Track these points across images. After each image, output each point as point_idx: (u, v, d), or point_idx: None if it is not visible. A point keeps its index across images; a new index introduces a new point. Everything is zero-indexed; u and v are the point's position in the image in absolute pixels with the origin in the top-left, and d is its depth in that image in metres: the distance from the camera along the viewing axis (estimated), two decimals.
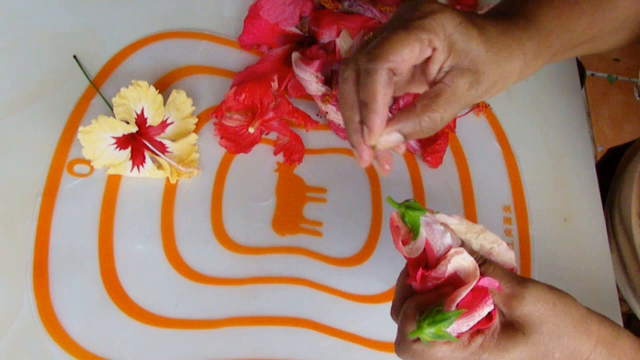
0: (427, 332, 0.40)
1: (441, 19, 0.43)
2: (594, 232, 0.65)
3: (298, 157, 0.65)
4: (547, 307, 0.42)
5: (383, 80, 0.42)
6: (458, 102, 0.45)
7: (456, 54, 0.44)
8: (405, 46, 0.42)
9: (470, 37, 0.44)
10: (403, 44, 0.42)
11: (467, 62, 0.44)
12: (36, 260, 0.58)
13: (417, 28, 0.42)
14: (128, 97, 0.59)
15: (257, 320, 0.58)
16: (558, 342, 0.42)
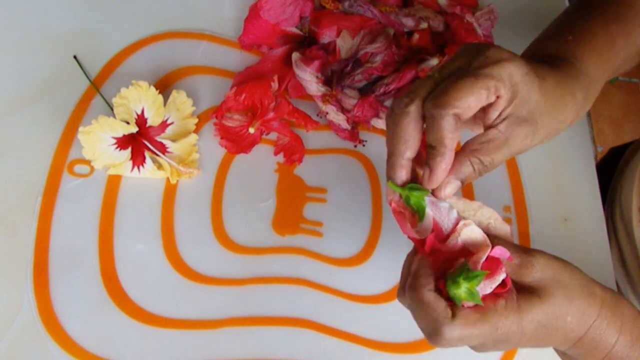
0: (463, 287, 0.41)
1: (510, 68, 0.43)
2: (594, 232, 0.65)
3: (298, 157, 0.65)
4: (555, 272, 0.44)
5: (450, 126, 0.42)
6: (509, 150, 0.45)
7: (517, 103, 0.44)
8: (473, 94, 0.42)
9: (532, 88, 0.44)
10: (471, 91, 0.42)
11: (525, 112, 0.45)
12: (36, 260, 0.58)
13: (486, 76, 0.42)
14: (128, 97, 0.59)
15: (257, 320, 0.58)
16: (570, 305, 0.44)
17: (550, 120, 0.47)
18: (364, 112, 0.65)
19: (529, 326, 0.43)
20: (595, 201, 0.67)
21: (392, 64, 0.68)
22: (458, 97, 0.42)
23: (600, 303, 0.46)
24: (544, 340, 0.45)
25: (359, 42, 0.67)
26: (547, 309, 0.43)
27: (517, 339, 0.43)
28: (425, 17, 0.70)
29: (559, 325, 0.44)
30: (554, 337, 0.45)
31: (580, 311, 0.45)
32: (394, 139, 0.45)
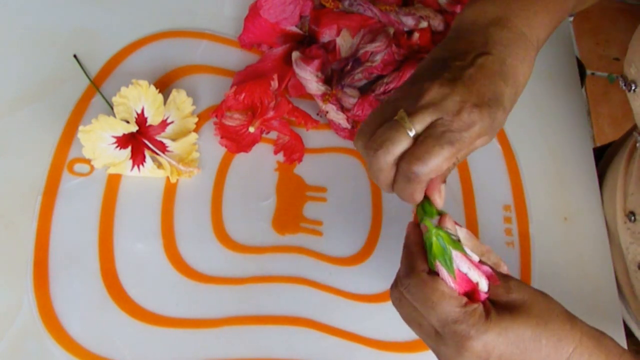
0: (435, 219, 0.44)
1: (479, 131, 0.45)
2: (594, 232, 0.65)
3: (298, 156, 0.65)
4: (531, 295, 0.44)
5: (421, 189, 0.45)
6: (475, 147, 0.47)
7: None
8: (447, 163, 0.44)
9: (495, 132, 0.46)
10: (447, 161, 0.44)
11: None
12: (36, 260, 0.58)
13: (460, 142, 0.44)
14: (128, 96, 0.59)
15: (257, 320, 0.58)
16: (545, 327, 0.43)
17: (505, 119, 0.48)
18: (364, 111, 0.65)
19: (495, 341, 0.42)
20: (595, 201, 0.67)
21: (392, 63, 0.68)
22: (434, 166, 0.44)
23: (580, 333, 0.44)
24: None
25: (359, 41, 0.67)
26: (519, 327, 0.43)
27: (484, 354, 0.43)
28: (425, 16, 0.70)
29: (533, 348, 0.43)
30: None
31: (556, 336, 0.43)
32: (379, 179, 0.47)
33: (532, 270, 0.62)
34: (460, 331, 0.42)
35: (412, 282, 0.44)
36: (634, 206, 0.63)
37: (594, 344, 0.44)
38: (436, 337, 0.44)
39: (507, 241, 0.63)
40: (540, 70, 0.74)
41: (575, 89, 0.74)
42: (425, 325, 0.44)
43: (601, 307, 0.62)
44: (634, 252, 0.62)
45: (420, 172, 0.44)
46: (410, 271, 0.45)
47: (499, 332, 0.42)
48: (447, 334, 0.43)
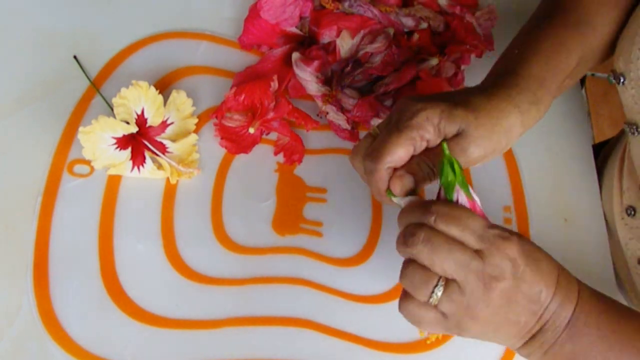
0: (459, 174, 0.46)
1: (425, 114, 0.48)
2: (594, 232, 0.65)
3: (298, 157, 0.65)
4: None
5: (385, 177, 0.48)
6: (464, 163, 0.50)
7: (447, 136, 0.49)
8: (400, 146, 0.48)
9: (454, 117, 0.48)
10: (397, 145, 0.48)
11: (460, 134, 0.49)
12: (36, 260, 0.58)
13: (407, 128, 0.48)
14: (128, 97, 0.59)
15: (257, 320, 0.58)
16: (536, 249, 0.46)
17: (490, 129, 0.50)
18: (363, 112, 0.65)
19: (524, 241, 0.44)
20: (595, 201, 0.67)
21: (392, 64, 0.68)
22: (387, 152, 0.48)
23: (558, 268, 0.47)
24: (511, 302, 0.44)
25: (358, 42, 0.67)
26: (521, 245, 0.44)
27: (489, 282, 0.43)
28: (425, 17, 0.70)
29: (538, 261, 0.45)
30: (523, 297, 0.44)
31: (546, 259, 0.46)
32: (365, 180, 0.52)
33: None
34: (498, 233, 0.44)
35: (439, 208, 0.44)
36: (631, 201, 0.63)
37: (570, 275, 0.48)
38: (475, 256, 0.43)
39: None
40: None
41: (575, 89, 0.74)
42: (461, 251, 0.43)
43: None
44: (633, 248, 0.63)
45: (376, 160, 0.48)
46: (430, 204, 0.45)
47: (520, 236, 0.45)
48: (488, 240, 0.43)
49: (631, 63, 0.55)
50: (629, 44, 0.55)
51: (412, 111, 0.48)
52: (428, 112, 0.48)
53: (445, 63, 0.69)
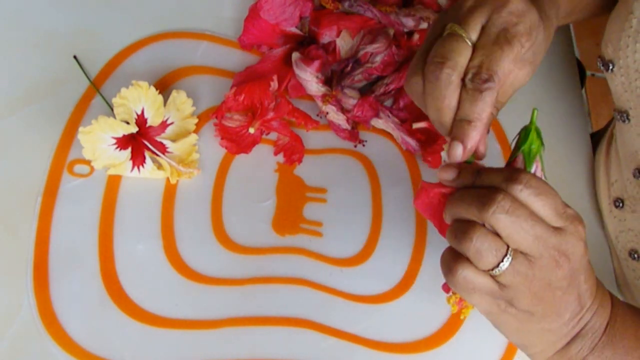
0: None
1: (530, 18, 0.43)
2: (594, 232, 0.65)
3: (298, 157, 0.65)
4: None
5: (492, 100, 0.43)
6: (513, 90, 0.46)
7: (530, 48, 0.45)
8: (512, 61, 0.43)
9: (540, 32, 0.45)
10: (511, 60, 0.42)
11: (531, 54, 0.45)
12: (36, 260, 0.58)
13: (517, 38, 0.43)
14: (128, 97, 0.59)
15: (257, 320, 0.58)
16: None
17: (541, 56, 0.47)
18: (363, 112, 0.65)
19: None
20: (595, 201, 0.67)
21: (392, 64, 0.68)
22: (500, 69, 0.42)
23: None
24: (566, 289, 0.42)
25: (358, 42, 0.67)
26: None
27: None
28: (425, 17, 0.70)
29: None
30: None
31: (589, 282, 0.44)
32: (443, 109, 0.44)
33: None
34: (575, 214, 0.43)
35: (529, 179, 0.41)
36: (619, 193, 0.62)
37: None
38: (555, 233, 0.42)
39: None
40: (541, 71, 0.73)
41: (575, 90, 0.74)
42: (543, 226, 0.41)
43: None
44: (623, 240, 0.62)
45: (491, 79, 0.42)
46: (519, 172, 0.42)
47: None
48: (568, 218, 0.42)
49: (620, 50, 0.54)
50: (617, 30, 0.54)
51: (518, 14, 0.43)
52: (533, 14, 0.44)
53: None
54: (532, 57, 0.45)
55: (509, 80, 0.45)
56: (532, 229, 0.40)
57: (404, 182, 0.66)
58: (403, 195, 0.65)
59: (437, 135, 0.65)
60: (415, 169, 0.66)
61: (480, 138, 0.44)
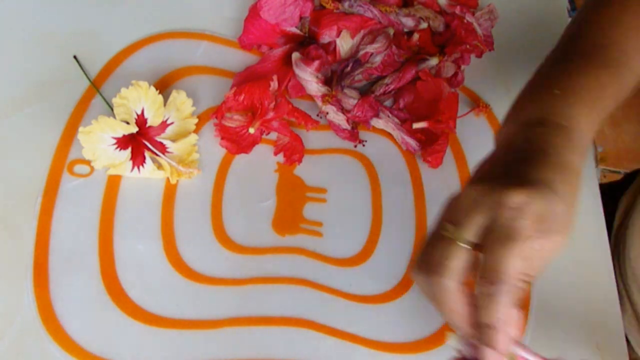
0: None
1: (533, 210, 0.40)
2: (594, 233, 0.65)
3: (298, 157, 0.65)
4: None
5: (510, 299, 0.39)
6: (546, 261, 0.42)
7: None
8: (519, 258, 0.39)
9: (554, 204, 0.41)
10: (521, 255, 0.39)
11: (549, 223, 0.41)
12: (36, 260, 0.58)
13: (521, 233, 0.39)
14: (128, 97, 0.59)
15: (257, 320, 0.58)
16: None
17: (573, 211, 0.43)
18: (364, 112, 0.65)
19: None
20: (596, 201, 0.67)
21: (392, 64, 0.68)
22: (508, 268, 0.39)
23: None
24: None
25: (358, 42, 0.67)
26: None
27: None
28: (425, 17, 0.70)
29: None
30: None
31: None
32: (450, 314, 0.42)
33: None
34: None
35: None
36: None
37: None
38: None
39: None
40: None
41: None
42: None
43: (601, 310, 0.62)
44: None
45: (499, 281, 0.39)
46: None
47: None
48: None
49: None
50: None
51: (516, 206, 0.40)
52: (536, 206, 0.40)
53: (445, 63, 0.69)
54: (558, 227, 0.41)
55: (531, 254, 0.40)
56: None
57: (404, 182, 0.66)
58: (403, 195, 0.65)
59: (437, 135, 0.65)
60: (415, 169, 0.66)
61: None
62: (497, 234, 0.40)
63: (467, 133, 0.68)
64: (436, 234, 0.42)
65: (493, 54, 0.72)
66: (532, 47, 0.74)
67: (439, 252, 0.41)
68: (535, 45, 0.74)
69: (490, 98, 0.71)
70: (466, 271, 0.40)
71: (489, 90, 0.71)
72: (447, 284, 0.40)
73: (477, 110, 0.70)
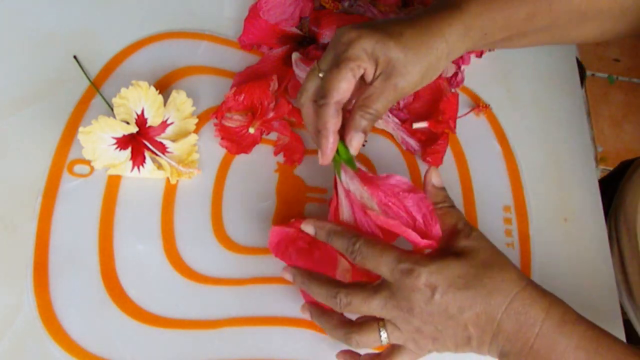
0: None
1: (361, 44, 0.51)
2: (594, 232, 0.65)
3: (298, 157, 0.65)
4: (486, 245, 0.49)
5: (332, 112, 0.52)
6: (386, 98, 0.53)
7: (380, 64, 0.52)
8: (342, 80, 0.51)
9: (388, 48, 0.51)
10: (339, 79, 0.51)
11: (390, 67, 0.52)
12: (36, 260, 0.58)
13: (345, 61, 0.51)
14: (128, 97, 0.59)
15: (257, 320, 0.58)
16: (486, 269, 0.47)
17: (418, 65, 0.52)
18: None
19: (437, 276, 0.46)
20: (596, 201, 0.67)
21: None
22: (332, 88, 0.51)
23: (526, 282, 0.48)
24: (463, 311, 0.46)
25: None
26: (460, 265, 0.47)
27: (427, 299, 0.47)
28: None
29: (474, 284, 0.46)
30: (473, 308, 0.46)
31: (499, 278, 0.47)
32: (307, 126, 0.56)
33: (532, 271, 0.62)
34: (404, 268, 0.47)
35: (361, 243, 0.49)
36: None
37: (538, 292, 0.48)
38: (387, 296, 0.48)
39: (507, 242, 0.63)
40: (541, 71, 0.74)
41: (575, 90, 0.74)
42: (374, 298, 0.48)
43: (601, 308, 0.62)
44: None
45: (324, 96, 0.51)
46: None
47: (440, 267, 0.47)
48: (396, 275, 0.47)
49: None
50: None
51: (347, 41, 0.51)
52: (363, 41, 0.51)
53: None
54: (393, 70, 0.52)
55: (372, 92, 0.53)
56: (371, 305, 0.48)
57: None
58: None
59: (437, 135, 0.65)
60: (415, 169, 0.66)
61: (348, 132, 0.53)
62: (331, 62, 0.52)
63: (467, 133, 0.68)
64: (309, 71, 0.54)
65: (493, 54, 0.72)
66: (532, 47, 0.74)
67: (304, 81, 0.54)
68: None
69: (490, 98, 0.71)
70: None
71: (489, 90, 0.71)
72: (301, 100, 0.54)
73: (477, 110, 0.70)
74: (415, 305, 0.47)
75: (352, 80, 0.51)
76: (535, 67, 0.74)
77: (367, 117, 0.53)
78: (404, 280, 0.47)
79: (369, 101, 0.53)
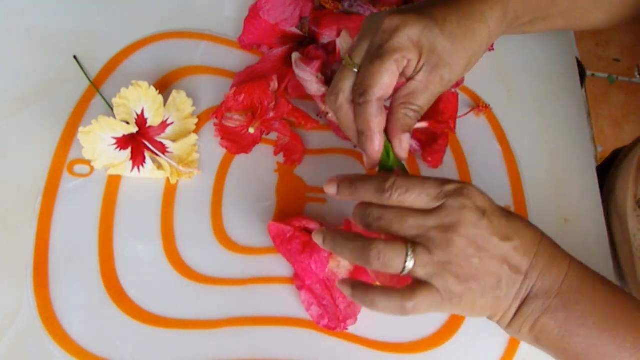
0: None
1: (406, 33, 0.47)
2: (594, 232, 0.65)
3: (298, 157, 0.65)
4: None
5: (375, 111, 0.47)
6: (432, 93, 0.49)
7: (425, 55, 0.48)
8: (384, 74, 0.47)
9: (434, 36, 0.47)
10: (382, 72, 0.46)
11: (436, 58, 0.48)
12: (36, 260, 0.58)
13: (389, 52, 0.46)
14: (128, 98, 0.59)
15: (257, 320, 0.58)
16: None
17: (463, 54, 0.49)
18: None
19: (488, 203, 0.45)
20: (596, 201, 0.67)
21: None
22: (374, 83, 0.46)
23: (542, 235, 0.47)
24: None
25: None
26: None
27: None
28: None
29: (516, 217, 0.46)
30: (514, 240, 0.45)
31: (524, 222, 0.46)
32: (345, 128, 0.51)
33: None
34: (453, 188, 0.44)
35: (397, 181, 0.45)
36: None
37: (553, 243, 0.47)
38: (428, 214, 0.44)
39: None
40: (540, 70, 0.74)
41: (575, 90, 0.74)
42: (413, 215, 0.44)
43: None
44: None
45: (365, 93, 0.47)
46: (386, 179, 0.45)
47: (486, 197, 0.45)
48: (443, 196, 0.44)
49: None
50: None
51: (390, 29, 0.47)
52: (409, 29, 0.47)
53: None
54: (440, 60, 0.48)
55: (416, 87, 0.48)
56: (407, 222, 0.44)
57: None
58: None
59: (437, 135, 0.65)
60: (415, 169, 0.66)
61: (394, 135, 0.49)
62: (370, 54, 0.47)
63: (467, 133, 0.68)
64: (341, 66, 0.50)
65: (493, 54, 0.72)
66: (532, 47, 0.74)
67: (337, 76, 0.49)
68: (535, 45, 0.74)
69: (490, 98, 0.71)
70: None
71: (489, 90, 0.71)
72: (338, 101, 0.49)
73: (477, 110, 0.70)
74: (461, 225, 0.43)
75: (396, 74, 0.47)
76: (536, 67, 0.74)
77: (411, 114, 0.49)
78: (455, 199, 0.43)
79: (412, 97, 0.49)
